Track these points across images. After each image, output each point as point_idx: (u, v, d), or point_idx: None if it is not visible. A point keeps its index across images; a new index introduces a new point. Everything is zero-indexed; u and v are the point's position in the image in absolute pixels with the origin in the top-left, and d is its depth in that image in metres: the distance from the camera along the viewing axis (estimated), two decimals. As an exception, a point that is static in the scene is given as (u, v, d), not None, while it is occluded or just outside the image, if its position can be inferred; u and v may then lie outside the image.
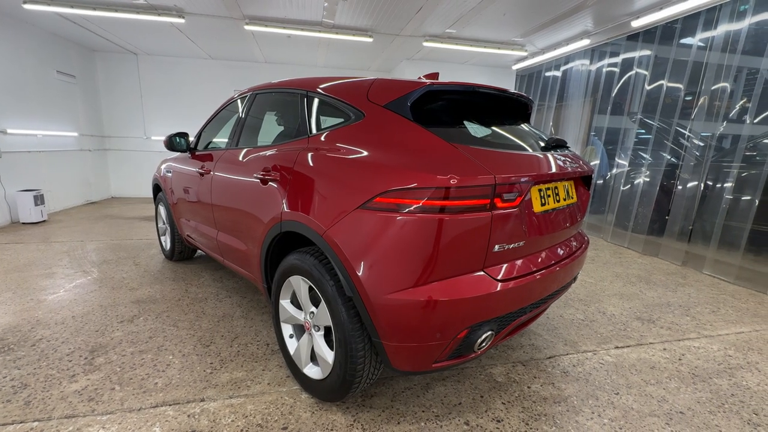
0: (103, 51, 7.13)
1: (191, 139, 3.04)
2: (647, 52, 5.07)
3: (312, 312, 1.71)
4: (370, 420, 1.63)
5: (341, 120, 1.73)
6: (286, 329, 1.91)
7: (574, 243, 1.88)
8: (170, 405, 1.70)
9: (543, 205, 1.57)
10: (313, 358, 1.77)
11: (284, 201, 1.72)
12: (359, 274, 1.36)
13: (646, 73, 4.98)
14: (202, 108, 7.76)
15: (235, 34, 5.86)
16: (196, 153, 2.93)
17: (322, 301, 1.58)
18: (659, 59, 4.87)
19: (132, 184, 7.88)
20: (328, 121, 1.82)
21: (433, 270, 1.30)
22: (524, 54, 6.25)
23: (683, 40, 4.45)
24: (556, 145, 1.80)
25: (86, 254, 3.84)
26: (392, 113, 1.54)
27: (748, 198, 3.72)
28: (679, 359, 2.21)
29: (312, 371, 1.74)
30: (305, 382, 1.78)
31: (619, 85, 5.44)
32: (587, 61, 5.87)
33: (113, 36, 6.13)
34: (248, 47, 6.62)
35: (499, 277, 1.40)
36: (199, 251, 3.82)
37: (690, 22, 4.34)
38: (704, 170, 4.16)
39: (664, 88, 4.62)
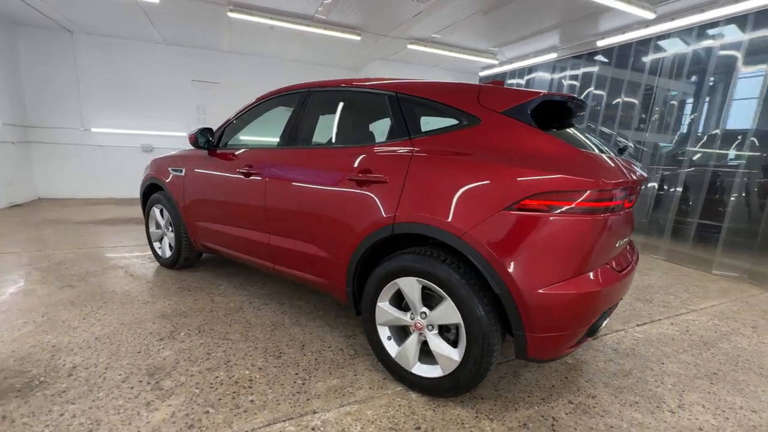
0: (30, 25, 6.01)
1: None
2: (605, 70, 5.82)
3: (423, 312, 1.73)
4: (490, 410, 1.72)
5: (450, 123, 1.77)
6: (383, 332, 1.90)
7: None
8: (285, 421, 1.60)
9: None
10: (422, 357, 1.80)
11: (398, 203, 1.72)
12: (510, 271, 1.44)
13: (603, 93, 5.71)
14: (157, 100, 7.00)
15: (210, 20, 5.40)
16: (224, 151, 2.70)
17: (447, 299, 1.62)
18: (614, 80, 5.64)
19: (66, 182, 6.77)
20: (430, 124, 1.86)
21: (582, 264, 1.44)
22: (495, 62, 6.74)
23: (637, 61, 5.22)
24: (624, 148, 2.07)
25: (59, 266, 3.27)
26: (513, 119, 1.64)
27: (692, 197, 4.53)
28: (687, 331, 2.66)
29: (424, 370, 1.77)
30: (413, 382, 1.80)
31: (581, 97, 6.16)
32: (549, 72, 6.54)
33: (45, 5, 5.18)
34: (216, 35, 6.13)
35: (618, 269, 1.59)
36: (201, 256, 3.49)
37: (644, 45, 5.10)
38: (657, 175, 4.95)
39: (621, 103, 5.37)
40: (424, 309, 1.74)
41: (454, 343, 1.69)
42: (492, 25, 5.35)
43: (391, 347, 1.88)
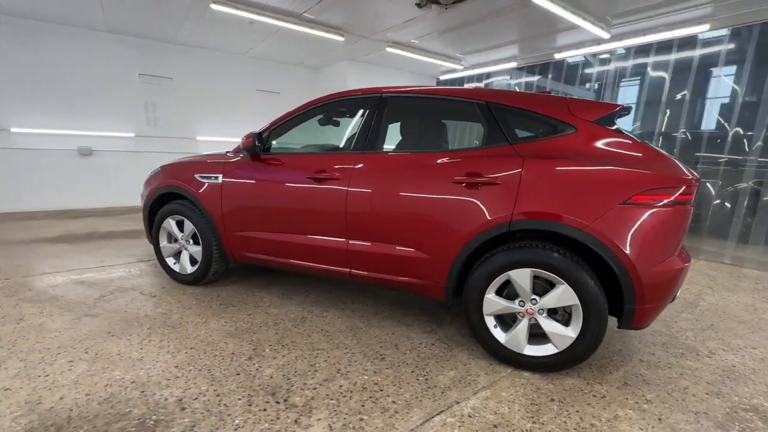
0: None
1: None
2: (542, 80, 6.68)
3: (534, 299, 1.95)
4: (593, 376, 2.00)
5: (545, 130, 2.00)
6: (490, 321, 2.06)
7: None
8: (439, 414, 1.67)
9: None
10: (531, 339, 2.00)
11: (515, 203, 1.89)
12: (629, 255, 1.73)
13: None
14: (97, 96, 6.10)
15: (170, 8, 4.87)
16: (278, 156, 2.58)
17: (563, 285, 1.85)
18: (538, 87, 6.57)
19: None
20: (524, 131, 2.06)
21: (676, 246, 1.79)
22: (459, 67, 7.22)
23: (584, 71, 6.11)
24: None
25: (49, 295, 2.75)
26: (603, 127, 1.93)
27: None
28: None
29: (535, 350, 1.98)
30: (523, 363, 2.00)
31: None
32: (508, 77, 7.24)
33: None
34: (170, 24, 5.54)
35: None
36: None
37: (590, 59, 5.99)
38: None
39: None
40: (534, 296, 1.95)
41: (565, 323, 1.94)
42: (462, 36, 5.76)
43: (499, 334, 2.06)
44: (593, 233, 1.77)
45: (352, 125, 3.01)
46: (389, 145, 2.50)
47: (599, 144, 1.91)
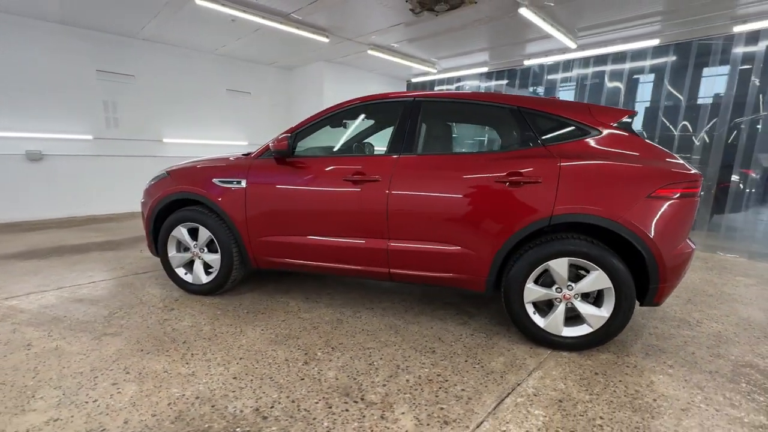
0: None
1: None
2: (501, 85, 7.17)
3: (570, 285, 2.15)
4: (620, 351, 2.25)
5: (574, 134, 2.22)
6: (530, 308, 2.24)
7: None
8: (508, 396, 1.81)
9: None
10: (566, 322, 2.21)
11: (555, 200, 2.08)
12: (655, 241, 1.99)
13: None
14: (48, 94, 5.49)
15: (154, 3, 4.54)
16: (308, 159, 2.57)
17: (598, 271, 2.07)
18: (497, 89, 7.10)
19: None
20: (554, 134, 2.26)
21: (688, 232, 2.09)
22: (433, 71, 7.47)
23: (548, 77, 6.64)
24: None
25: (50, 315, 2.47)
26: (623, 130, 2.19)
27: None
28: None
29: (571, 331, 2.19)
30: (560, 344, 2.20)
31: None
32: (478, 81, 7.63)
33: None
34: (143, 19, 5.14)
35: None
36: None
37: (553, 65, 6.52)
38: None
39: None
40: (569, 283, 2.16)
41: (597, 305, 2.17)
42: (440, 42, 6.00)
43: (538, 320, 2.24)
44: (625, 223, 2.01)
45: (353, 128, 3.07)
46: (444, 147, 2.58)
47: (620, 145, 2.17)
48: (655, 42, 5.17)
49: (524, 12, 4.16)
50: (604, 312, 2.14)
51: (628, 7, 4.44)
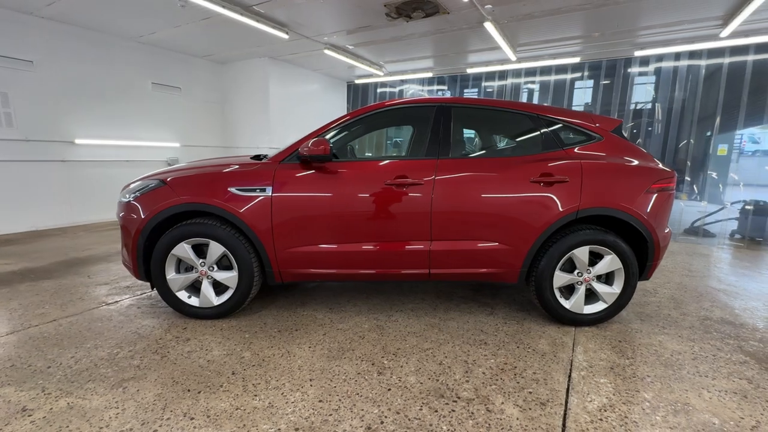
0: None
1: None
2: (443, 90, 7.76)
3: (588, 269, 2.50)
4: (627, 320, 2.69)
5: (583, 138, 2.57)
6: (557, 293, 2.53)
7: None
8: (572, 371, 2.04)
9: None
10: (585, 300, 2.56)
11: (580, 196, 2.38)
12: (653, 225, 2.43)
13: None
14: None
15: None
16: (343, 163, 2.48)
17: (611, 255, 2.45)
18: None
19: None
20: (570, 139, 2.58)
21: (668, 219, 2.60)
22: (380, 73, 7.58)
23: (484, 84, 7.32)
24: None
25: (38, 365, 1.91)
26: (618, 136, 2.62)
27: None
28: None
29: (591, 308, 2.54)
30: (581, 320, 2.55)
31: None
32: (422, 86, 8.01)
33: None
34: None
35: None
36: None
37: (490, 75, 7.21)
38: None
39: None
40: (589, 267, 2.52)
41: (609, 284, 2.56)
42: (393, 46, 6.17)
43: (564, 302, 2.55)
44: (634, 214, 2.43)
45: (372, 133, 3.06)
46: (475, 150, 2.69)
47: (618, 148, 2.59)
48: (576, 60, 6.17)
49: (488, 26, 4.58)
50: (616, 289, 2.54)
51: (559, 29, 5.21)
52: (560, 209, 2.43)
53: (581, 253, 2.48)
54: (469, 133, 2.92)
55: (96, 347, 2.18)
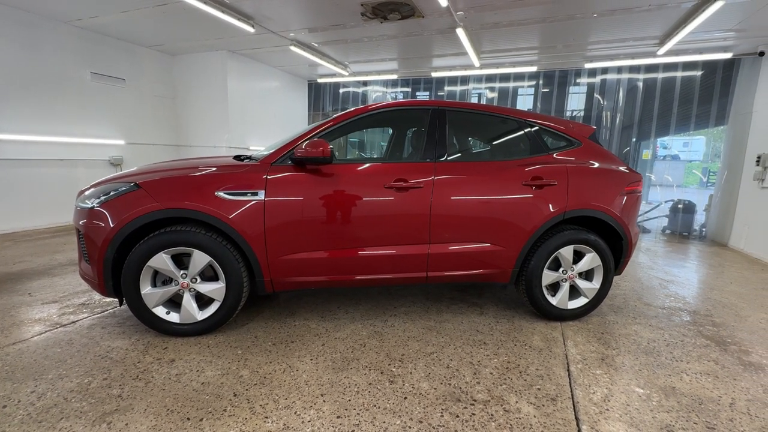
0: None
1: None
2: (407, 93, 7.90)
3: (572, 267, 2.66)
4: (607, 313, 2.89)
5: (564, 144, 2.72)
6: (546, 290, 2.65)
7: None
8: (570, 365, 2.15)
9: None
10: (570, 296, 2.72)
11: (567, 198, 2.51)
12: (627, 223, 2.65)
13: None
14: None
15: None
16: (333, 166, 2.37)
17: (592, 253, 2.63)
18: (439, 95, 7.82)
19: None
20: (554, 144, 2.71)
21: (636, 218, 2.85)
22: (345, 73, 7.45)
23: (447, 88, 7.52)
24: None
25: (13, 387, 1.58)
26: (593, 142, 2.81)
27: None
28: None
29: (574, 304, 2.71)
30: (565, 316, 2.70)
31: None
32: (385, 88, 8.01)
33: None
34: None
35: None
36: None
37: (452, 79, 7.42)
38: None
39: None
40: (573, 265, 2.68)
41: (589, 280, 2.74)
42: (358, 46, 6.11)
43: (551, 298, 2.69)
44: (612, 214, 2.62)
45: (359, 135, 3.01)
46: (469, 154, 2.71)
47: (595, 153, 2.79)
48: (534, 69, 6.58)
49: (459, 32, 4.70)
50: (596, 284, 2.73)
51: (519, 39, 5.51)
52: (550, 211, 2.55)
53: (567, 252, 2.63)
54: (463, 136, 2.97)
55: (60, 378, 1.87)
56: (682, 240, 6.21)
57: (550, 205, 2.56)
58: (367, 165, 2.47)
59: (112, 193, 2.22)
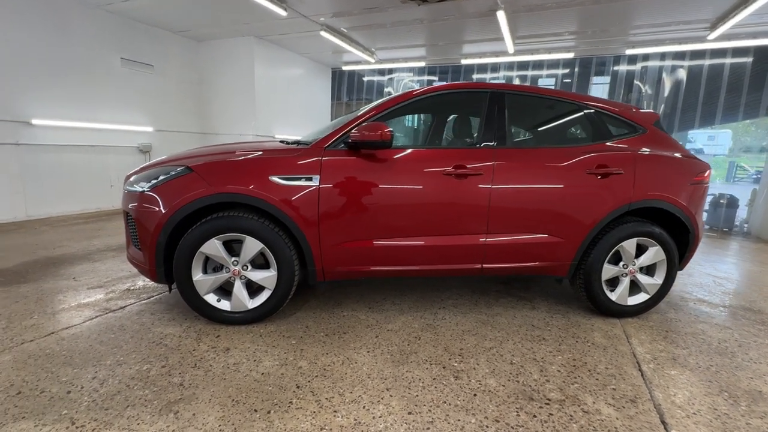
0: None
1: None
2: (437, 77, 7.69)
3: (634, 261, 2.52)
4: (665, 309, 2.75)
5: (628, 131, 2.55)
6: (605, 285, 2.52)
7: None
8: (641, 363, 2.02)
9: None
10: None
11: (633, 188, 2.36)
12: (695, 215, 2.49)
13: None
14: None
15: None
16: (396, 151, 2.28)
17: (656, 247, 2.47)
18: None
19: None
20: (619, 131, 2.55)
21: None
22: (371, 60, 7.29)
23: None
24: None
25: (41, 389, 1.55)
26: (659, 129, 2.63)
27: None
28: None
29: (634, 300, 2.56)
30: (624, 312, 2.57)
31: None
32: (412, 75, 7.83)
33: None
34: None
35: None
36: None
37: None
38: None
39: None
40: (634, 259, 2.53)
41: (650, 275, 2.59)
42: (385, 32, 5.94)
43: (610, 294, 2.55)
44: (680, 206, 2.46)
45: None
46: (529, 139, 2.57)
47: (660, 141, 2.62)
48: (570, 55, 6.31)
49: (500, 15, 4.50)
50: (658, 280, 2.58)
51: (558, 23, 5.27)
52: (614, 201, 2.40)
53: (629, 246, 2.48)
54: (523, 120, 2.82)
55: (119, 364, 1.83)
56: (723, 236, 5.94)
57: (615, 195, 2.40)
58: (424, 150, 2.35)
59: (163, 177, 2.16)
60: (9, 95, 4.53)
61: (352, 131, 2.19)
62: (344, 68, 8.13)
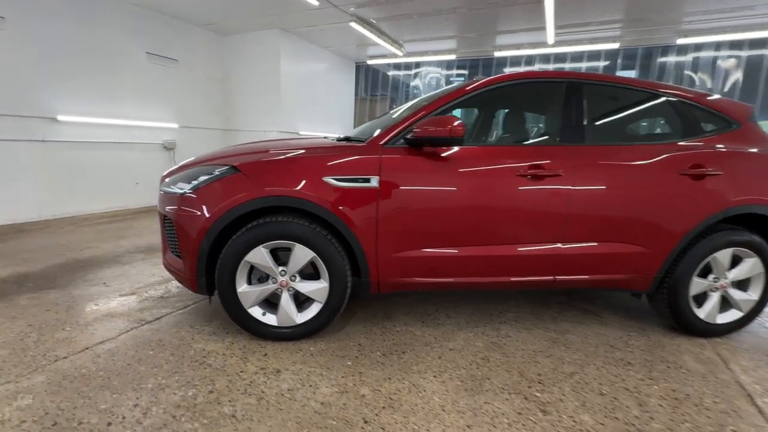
0: None
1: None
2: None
3: (725, 274, 2.21)
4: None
5: (723, 126, 2.24)
6: (691, 301, 2.22)
7: None
8: (751, 396, 1.73)
9: None
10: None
11: (731, 190, 2.06)
12: None
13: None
14: None
15: None
16: (464, 150, 2.02)
17: (755, 258, 2.16)
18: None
19: None
20: (712, 126, 2.24)
21: None
22: (400, 53, 7.02)
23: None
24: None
25: (75, 420, 1.36)
26: (755, 124, 2.31)
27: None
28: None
29: (724, 318, 2.26)
30: (713, 330, 2.26)
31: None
32: (440, 69, 7.52)
33: None
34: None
35: None
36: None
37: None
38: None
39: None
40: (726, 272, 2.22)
41: (743, 290, 2.28)
42: (415, 23, 5.65)
43: (697, 310, 2.25)
44: (785, 212, 2.15)
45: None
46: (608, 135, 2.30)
47: (757, 137, 2.29)
48: (615, 45, 5.92)
49: (547, 1, 4.17)
50: (753, 295, 2.27)
51: (604, 10, 4.90)
52: (709, 206, 2.10)
53: (723, 257, 2.17)
54: (604, 114, 2.52)
55: (161, 388, 1.64)
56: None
57: (711, 200, 2.10)
58: (494, 148, 2.09)
59: (205, 178, 1.95)
60: (35, 91, 4.42)
61: (414, 127, 1.94)
62: (369, 62, 7.87)
